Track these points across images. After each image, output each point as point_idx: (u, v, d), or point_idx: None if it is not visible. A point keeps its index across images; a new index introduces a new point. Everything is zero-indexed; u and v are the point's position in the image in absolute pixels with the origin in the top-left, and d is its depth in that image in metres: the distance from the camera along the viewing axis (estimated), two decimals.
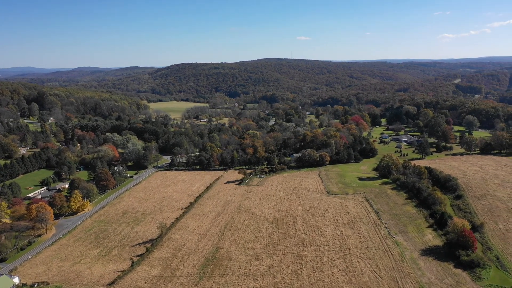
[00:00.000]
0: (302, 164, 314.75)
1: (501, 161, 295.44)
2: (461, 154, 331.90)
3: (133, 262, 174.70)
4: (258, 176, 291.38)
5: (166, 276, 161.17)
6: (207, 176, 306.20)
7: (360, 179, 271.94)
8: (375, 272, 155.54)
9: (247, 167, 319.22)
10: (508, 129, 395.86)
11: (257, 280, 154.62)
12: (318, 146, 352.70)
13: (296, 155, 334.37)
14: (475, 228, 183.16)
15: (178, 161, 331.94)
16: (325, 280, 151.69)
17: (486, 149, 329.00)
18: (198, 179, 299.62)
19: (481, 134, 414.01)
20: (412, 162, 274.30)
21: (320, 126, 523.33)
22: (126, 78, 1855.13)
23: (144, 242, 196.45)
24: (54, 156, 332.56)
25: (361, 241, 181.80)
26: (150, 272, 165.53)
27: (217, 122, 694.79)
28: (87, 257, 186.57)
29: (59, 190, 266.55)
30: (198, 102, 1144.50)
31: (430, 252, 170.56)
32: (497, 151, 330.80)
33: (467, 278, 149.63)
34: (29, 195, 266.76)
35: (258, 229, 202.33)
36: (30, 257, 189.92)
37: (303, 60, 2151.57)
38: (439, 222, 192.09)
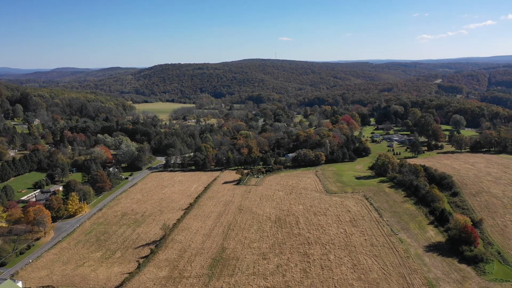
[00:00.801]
0: (298, 163, 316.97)
1: (492, 159, 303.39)
2: (452, 152, 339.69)
3: (139, 264, 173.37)
4: (256, 176, 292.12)
5: (175, 277, 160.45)
6: (204, 177, 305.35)
7: (357, 178, 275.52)
8: (382, 269, 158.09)
9: (243, 167, 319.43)
10: (494, 128, 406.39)
11: (267, 279, 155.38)
12: (311, 146, 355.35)
13: (291, 155, 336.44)
14: (475, 224, 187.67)
15: (173, 162, 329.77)
16: (334, 277, 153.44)
17: (476, 147, 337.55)
18: (195, 180, 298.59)
19: (468, 133, 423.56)
20: (406, 161, 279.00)
21: (310, 126, 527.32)
22: (108, 79, 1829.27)
23: (148, 244, 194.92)
24: (45, 158, 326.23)
25: (365, 239, 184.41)
26: (158, 274, 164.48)
27: (206, 122, 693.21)
28: (90, 260, 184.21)
29: (54, 193, 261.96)
30: (184, 103, 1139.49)
31: (433, 248, 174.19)
32: (486, 149, 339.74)
33: (472, 273, 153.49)
34: (23, 198, 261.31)
35: (261, 228, 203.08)
36: (30, 261, 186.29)
37: (286, 60, 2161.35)
38: (439, 219, 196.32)
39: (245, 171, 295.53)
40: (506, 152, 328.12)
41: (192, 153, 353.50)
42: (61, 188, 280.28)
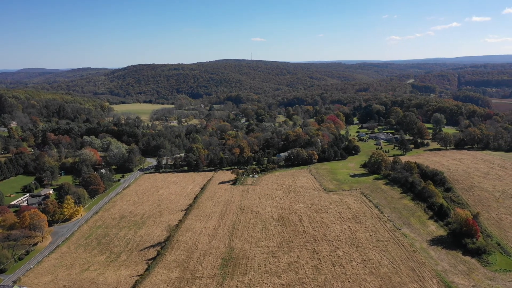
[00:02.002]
0: (291, 163, 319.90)
1: (476, 155, 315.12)
2: (438, 149, 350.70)
3: (148, 266, 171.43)
4: (251, 175, 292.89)
5: (188, 278, 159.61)
6: (198, 178, 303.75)
7: (352, 176, 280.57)
8: (392, 263, 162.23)
9: (236, 167, 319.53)
10: (474, 126, 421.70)
11: (281, 277, 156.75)
12: (301, 145, 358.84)
13: (283, 154, 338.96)
14: (473, 217, 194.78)
15: (164, 163, 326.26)
16: (346, 273, 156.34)
17: (460, 144, 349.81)
18: (190, 181, 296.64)
19: (448, 131, 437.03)
20: (399, 158, 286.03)
21: (294, 125, 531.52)
22: (80, 80, 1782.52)
23: (153, 246, 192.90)
24: (32, 161, 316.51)
25: (370, 235, 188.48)
26: (169, 275, 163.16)
27: (188, 123, 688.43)
28: (94, 263, 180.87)
29: (47, 197, 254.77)
30: (162, 103, 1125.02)
31: (437, 241, 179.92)
32: (470, 146, 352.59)
33: (477, 265, 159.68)
34: (13, 202, 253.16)
35: (266, 227, 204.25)
36: (32, 266, 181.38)
37: (261, 61, 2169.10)
38: (438, 213, 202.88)
39: (240, 171, 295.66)
40: (489, 149, 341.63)
41: (182, 154, 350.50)
42: (51, 192, 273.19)
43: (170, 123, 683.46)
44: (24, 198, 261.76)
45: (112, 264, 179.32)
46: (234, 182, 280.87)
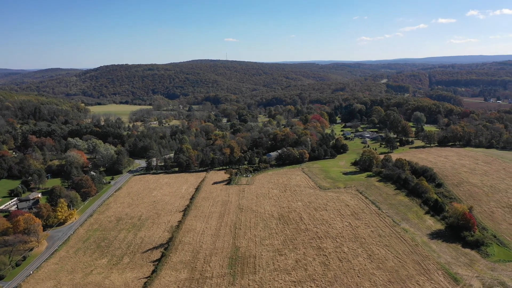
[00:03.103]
0: (283, 162, 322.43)
1: (461, 152, 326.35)
2: (423, 147, 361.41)
3: (155, 268, 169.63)
4: (245, 175, 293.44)
5: (197, 279, 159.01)
6: (191, 178, 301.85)
7: (345, 174, 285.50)
8: (397, 257, 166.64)
9: (228, 167, 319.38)
10: (453, 124, 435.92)
11: (290, 274, 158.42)
12: (289, 144, 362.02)
13: (273, 154, 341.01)
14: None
15: (155, 164, 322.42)
16: (355, 268, 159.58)
17: (444, 141, 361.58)
18: (183, 182, 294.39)
19: (428, 129, 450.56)
20: (390, 156, 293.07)
21: (278, 125, 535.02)
22: (50, 81, 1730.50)
23: (155, 247, 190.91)
24: (16, 164, 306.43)
25: (371, 231, 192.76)
26: (178, 276, 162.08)
27: (168, 124, 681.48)
28: (97, 267, 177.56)
29: (37, 201, 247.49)
30: (139, 104, 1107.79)
31: (436, 235, 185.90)
32: (452, 143, 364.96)
33: (477, 256, 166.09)
34: (1, 207, 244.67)
35: (268, 226, 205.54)
36: (31, 272, 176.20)
37: (237, 61, 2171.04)
38: (434, 208, 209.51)
39: (234, 170, 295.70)
40: (470, 145, 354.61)
41: (171, 155, 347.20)
42: (40, 195, 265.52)
43: (151, 124, 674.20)
44: (12, 202, 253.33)
45: (116, 267, 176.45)
46: (229, 182, 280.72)
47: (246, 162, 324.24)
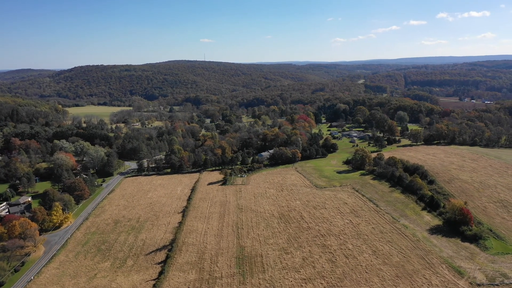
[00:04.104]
0: (275, 161, 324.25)
1: (447, 150, 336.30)
2: (410, 145, 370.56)
3: (162, 270, 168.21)
4: (239, 175, 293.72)
5: (207, 279, 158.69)
6: (185, 179, 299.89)
7: (339, 172, 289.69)
8: (401, 253, 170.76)
9: (221, 167, 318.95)
10: (435, 123, 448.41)
11: (299, 272, 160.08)
12: (280, 144, 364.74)
13: (265, 153, 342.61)
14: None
15: (146, 165, 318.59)
16: (362, 264, 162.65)
17: (429, 140, 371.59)
18: (177, 183, 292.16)
19: (411, 128, 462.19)
20: (383, 154, 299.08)
21: (264, 125, 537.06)
22: (22, 82, 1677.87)
23: (159, 249, 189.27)
24: (2, 168, 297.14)
25: (373, 227, 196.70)
26: (187, 277, 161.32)
27: (151, 125, 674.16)
28: (101, 270, 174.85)
29: (29, 205, 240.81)
30: (119, 105, 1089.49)
31: (435, 230, 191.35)
32: (437, 141, 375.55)
33: (477, 250, 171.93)
34: None
35: (270, 225, 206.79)
36: (32, 277, 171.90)
37: (215, 62, 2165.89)
38: (430, 204, 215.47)
39: (228, 171, 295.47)
40: (454, 143, 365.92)
41: (162, 156, 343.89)
42: (30, 199, 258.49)
43: (133, 125, 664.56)
44: (2, 207, 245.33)
45: (120, 270, 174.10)
46: (224, 182, 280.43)
47: (239, 163, 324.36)
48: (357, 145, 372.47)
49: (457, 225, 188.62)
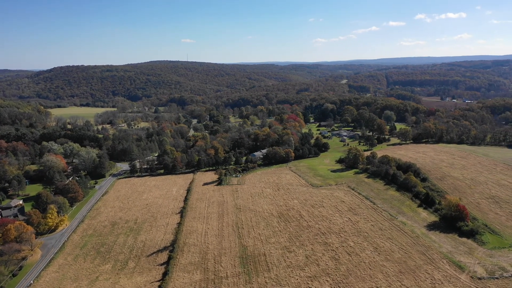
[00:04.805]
0: (269, 161, 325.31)
1: (436, 148, 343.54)
2: (399, 144, 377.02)
3: (166, 271, 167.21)
4: (234, 175, 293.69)
5: (212, 279, 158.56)
6: (179, 180, 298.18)
7: (333, 171, 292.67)
8: (402, 249, 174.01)
9: (214, 168, 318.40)
10: (422, 122, 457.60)
11: (304, 270, 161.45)
12: (271, 144, 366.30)
13: (257, 153, 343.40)
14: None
15: (139, 167, 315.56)
16: (365, 261, 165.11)
17: (418, 138, 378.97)
18: (171, 184, 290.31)
19: (399, 127, 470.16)
20: (376, 153, 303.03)
21: (252, 125, 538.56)
22: (0, 83, 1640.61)
23: (160, 250, 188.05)
24: None
25: (372, 225, 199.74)
26: (192, 278, 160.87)
27: (137, 126, 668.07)
28: (102, 273, 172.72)
29: (22, 208, 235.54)
30: (102, 106, 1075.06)
31: (433, 227, 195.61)
32: (425, 140, 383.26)
33: (474, 245, 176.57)
34: None
35: (270, 224, 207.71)
36: (32, 282, 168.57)
37: (197, 62, 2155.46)
38: (425, 201, 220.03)
39: (223, 171, 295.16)
40: (442, 142, 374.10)
41: (154, 157, 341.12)
42: (21, 202, 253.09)
43: (119, 126, 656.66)
44: None
45: (122, 272, 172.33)
46: (219, 182, 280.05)
47: (232, 163, 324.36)
48: (347, 144, 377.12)
49: (453, 221, 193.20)
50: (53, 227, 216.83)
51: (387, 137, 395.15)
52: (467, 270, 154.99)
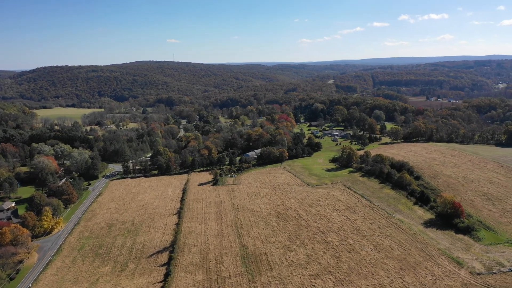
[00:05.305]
0: (263, 161, 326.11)
1: (427, 147, 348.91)
2: (390, 143, 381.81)
3: (168, 272, 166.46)
4: (230, 175, 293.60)
5: (215, 279, 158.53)
6: (174, 181, 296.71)
7: (327, 170, 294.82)
8: (401, 246, 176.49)
9: (208, 168, 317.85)
10: (413, 121, 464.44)
11: (306, 268, 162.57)
12: (264, 144, 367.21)
13: (251, 153, 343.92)
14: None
15: (132, 167, 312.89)
16: (366, 259, 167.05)
17: (409, 137, 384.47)
18: (166, 184, 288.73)
19: (389, 126, 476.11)
20: (370, 152, 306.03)
21: (243, 125, 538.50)
22: None
23: (160, 251, 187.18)
24: None
25: (370, 223, 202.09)
26: (195, 278, 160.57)
27: (126, 127, 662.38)
28: (102, 275, 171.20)
29: (16, 210, 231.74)
30: (88, 107, 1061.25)
31: (429, 224, 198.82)
32: (416, 139, 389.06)
33: (471, 241, 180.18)
34: None
35: (269, 224, 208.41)
36: (31, 285, 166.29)
37: (184, 62, 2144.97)
38: (421, 199, 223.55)
39: (218, 171, 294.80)
40: (432, 140, 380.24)
41: (147, 158, 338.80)
42: (14, 205, 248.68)
43: (108, 127, 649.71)
44: None
45: (123, 273, 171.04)
46: (215, 182, 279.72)
47: (227, 163, 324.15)
48: (340, 144, 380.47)
49: (449, 218, 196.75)
50: (48, 230, 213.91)
51: (378, 136, 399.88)
52: (465, 266, 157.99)
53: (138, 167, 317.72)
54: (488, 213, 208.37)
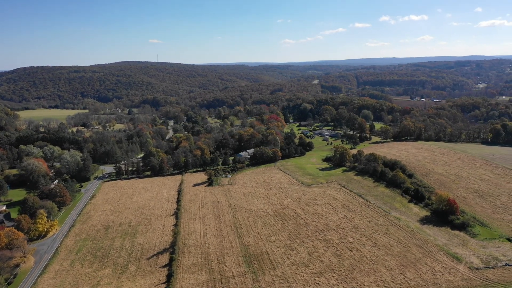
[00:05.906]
0: (257, 161, 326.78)
1: (416, 145, 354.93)
2: (380, 142, 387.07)
3: (170, 273, 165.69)
4: (224, 176, 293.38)
5: (219, 279, 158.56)
6: (168, 182, 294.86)
7: (321, 169, 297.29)
8: (400, 243, 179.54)
9: (202, 168, 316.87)
10: (401, 120, 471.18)
11: (309, 266, 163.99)
12: (256, 144, 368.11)
13: (243, 153, 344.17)
14: None
15: (125, 169, 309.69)
16: (367, 256, 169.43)
17: (398, 136, 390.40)
18: (160, 185, 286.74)
19: (377, 126, 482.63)
20: (363, 151, 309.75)
21: (232, 125, 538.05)
22: None
23: (160, 252, 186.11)
24: None
25: (368, 221, 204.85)
26: (198, 279, 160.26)
27: (113, 128, 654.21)
28: (103, 277, 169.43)
29: (8, 214, 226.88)
30: (72, 108, 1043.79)
31: (425, 221, 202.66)
32: (405, 138, 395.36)
33: (467, 237, 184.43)
34: None
35: (268, 223, 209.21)
36: None
37: (168, 63, 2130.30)
38: (416, 197, 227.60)
39: (212, 171, 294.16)
40: (421, 139, 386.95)
41: (136, 159, 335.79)
42: (5, 208, 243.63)
43: (94, 128, 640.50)
44: None
45: (124, 276, 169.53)
46: (210, 183, 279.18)
47: (220, 163, 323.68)
48: (331, 143, 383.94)
49: (445, 215, 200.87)
50: (43, 233, 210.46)
51: (368, 135, 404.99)
52: (464, 261, 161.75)
53: (131, 168, 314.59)
54: (481, 209, 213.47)
